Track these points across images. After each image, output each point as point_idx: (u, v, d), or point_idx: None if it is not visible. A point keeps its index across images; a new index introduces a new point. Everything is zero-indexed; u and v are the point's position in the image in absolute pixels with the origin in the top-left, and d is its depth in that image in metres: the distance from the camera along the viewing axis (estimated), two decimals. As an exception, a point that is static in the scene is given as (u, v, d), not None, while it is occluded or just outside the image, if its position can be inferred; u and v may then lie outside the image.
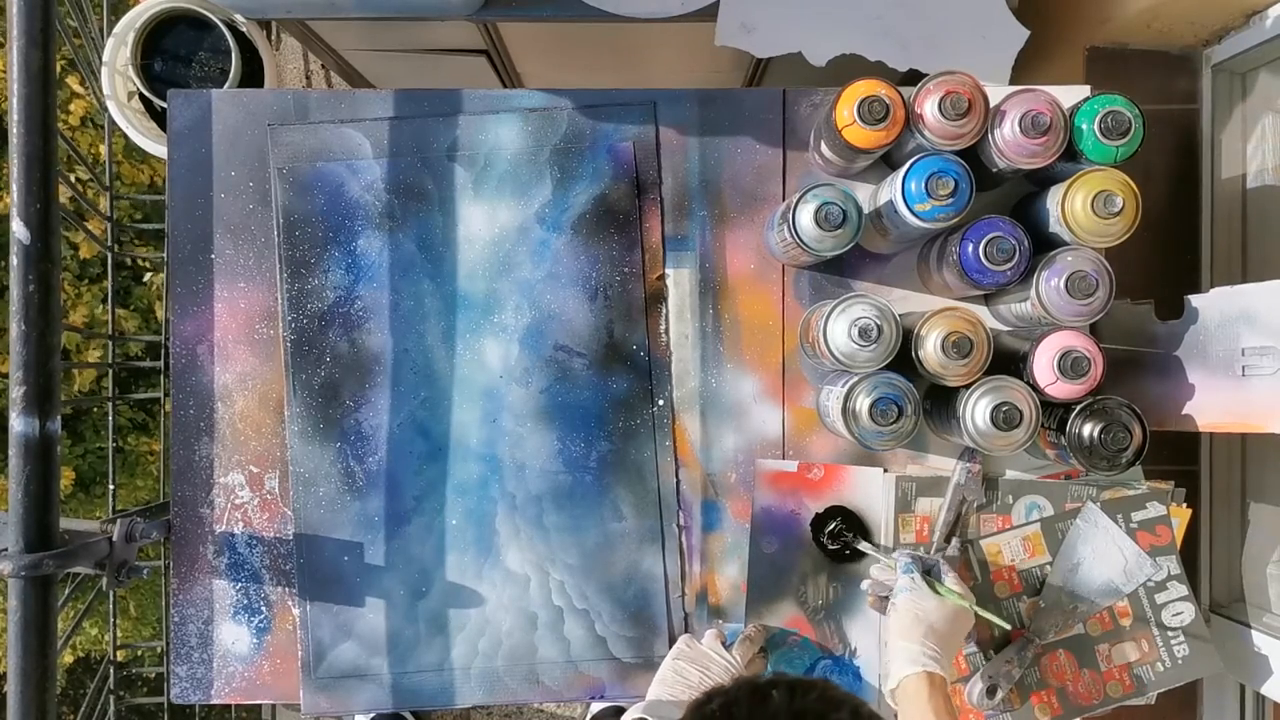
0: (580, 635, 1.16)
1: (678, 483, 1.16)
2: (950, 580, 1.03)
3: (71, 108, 1.88)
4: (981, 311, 1.13)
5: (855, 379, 1.00)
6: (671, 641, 1.15)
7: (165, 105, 1.19)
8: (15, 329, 0.89)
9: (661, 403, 1.15)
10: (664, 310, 1.16)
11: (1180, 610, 1.13)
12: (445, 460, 1.15)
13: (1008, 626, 1.07)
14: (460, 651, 1.15)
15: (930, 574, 1.04)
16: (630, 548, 1.16)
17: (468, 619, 1.15)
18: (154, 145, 1.46)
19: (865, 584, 1.07)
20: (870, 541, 1.13)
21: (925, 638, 0.96)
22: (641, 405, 1.15)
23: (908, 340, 1.00)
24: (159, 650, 1.78)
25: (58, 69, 0.92)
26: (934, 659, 0.94)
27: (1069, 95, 1.03)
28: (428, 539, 1.15)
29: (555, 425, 1.15)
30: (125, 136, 1.48)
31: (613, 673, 1.16)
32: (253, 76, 1.44)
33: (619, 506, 1.16)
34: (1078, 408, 1.00)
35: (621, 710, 1.90)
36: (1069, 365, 0.97)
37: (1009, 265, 0.98)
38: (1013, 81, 1.35)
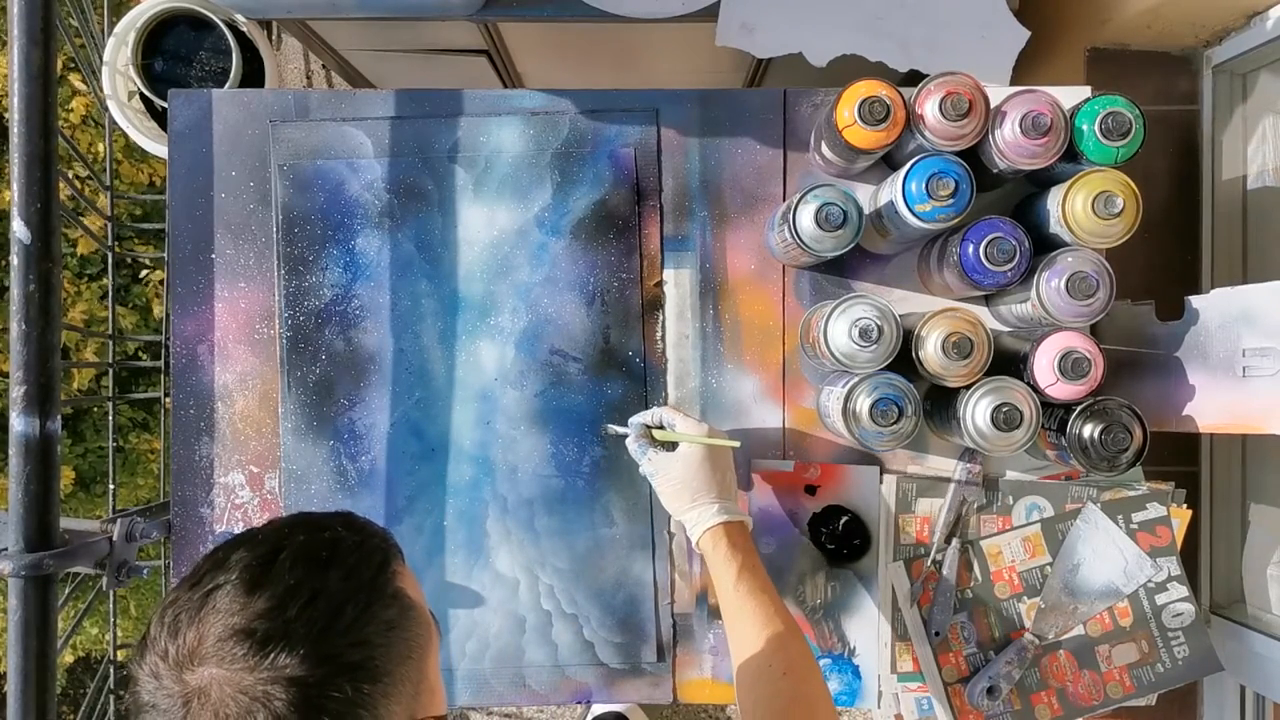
0: (568, 640, 1.15)
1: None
2: (680, 422, 1.04)
3: (73, 105, 1.87)
4: (982, 312, 1.13)
5: (855, 379, 1.00)
6: (660, 648, 1.15)
7: (166, 105, 1.19)
8: (15, 329, 0.89)
9: (656, 409, 1.15)
10: (660, 317, 1.16)
11: (1180, 611, 1.13)
12: (438, 461, 1.15)
13: (736, 444, 1.05)
14: (447, 654, 1.14)
15: (662, 428, 1.06)
16: (620, 554, 1.15)
17: (456, 620, 1.15)
18: (154, 145, 1.46)
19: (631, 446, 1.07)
20: (865, 538, 1.14)
21: (694, 499, 1.01)
22: (635, 411, 1.14)
23: (908, 341, 1.00)
24: (159, 650, 1.77)
25: (59, 68, 0.92)
26: (711, 512, 1.00)
27: (1069, 96, 1.02)
28: (418, 539, 1.14)
29: (549, 429, 1.15)
30: (125, 135, 1.48)
31: (600, 678, 1.16)
32: (253, 76, 1.44)
33: (610, 512, 1.15)
34: (1078, 408, 0.99)
35: (621, 716, 1.90)
36: (1069, 366, 0.97)
37: (1009, 266, 0.98)
38: (1013, 82, 1.34)
